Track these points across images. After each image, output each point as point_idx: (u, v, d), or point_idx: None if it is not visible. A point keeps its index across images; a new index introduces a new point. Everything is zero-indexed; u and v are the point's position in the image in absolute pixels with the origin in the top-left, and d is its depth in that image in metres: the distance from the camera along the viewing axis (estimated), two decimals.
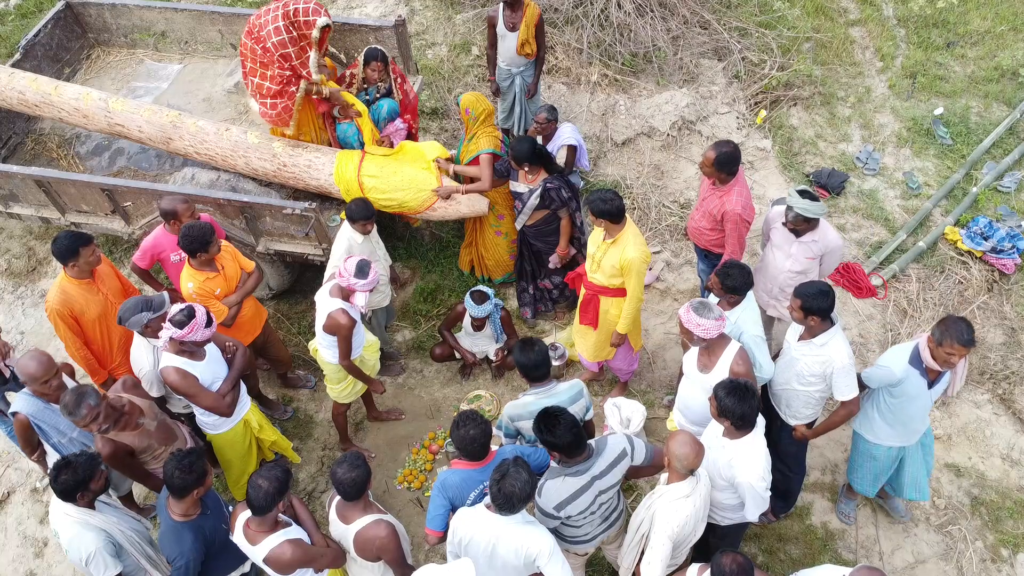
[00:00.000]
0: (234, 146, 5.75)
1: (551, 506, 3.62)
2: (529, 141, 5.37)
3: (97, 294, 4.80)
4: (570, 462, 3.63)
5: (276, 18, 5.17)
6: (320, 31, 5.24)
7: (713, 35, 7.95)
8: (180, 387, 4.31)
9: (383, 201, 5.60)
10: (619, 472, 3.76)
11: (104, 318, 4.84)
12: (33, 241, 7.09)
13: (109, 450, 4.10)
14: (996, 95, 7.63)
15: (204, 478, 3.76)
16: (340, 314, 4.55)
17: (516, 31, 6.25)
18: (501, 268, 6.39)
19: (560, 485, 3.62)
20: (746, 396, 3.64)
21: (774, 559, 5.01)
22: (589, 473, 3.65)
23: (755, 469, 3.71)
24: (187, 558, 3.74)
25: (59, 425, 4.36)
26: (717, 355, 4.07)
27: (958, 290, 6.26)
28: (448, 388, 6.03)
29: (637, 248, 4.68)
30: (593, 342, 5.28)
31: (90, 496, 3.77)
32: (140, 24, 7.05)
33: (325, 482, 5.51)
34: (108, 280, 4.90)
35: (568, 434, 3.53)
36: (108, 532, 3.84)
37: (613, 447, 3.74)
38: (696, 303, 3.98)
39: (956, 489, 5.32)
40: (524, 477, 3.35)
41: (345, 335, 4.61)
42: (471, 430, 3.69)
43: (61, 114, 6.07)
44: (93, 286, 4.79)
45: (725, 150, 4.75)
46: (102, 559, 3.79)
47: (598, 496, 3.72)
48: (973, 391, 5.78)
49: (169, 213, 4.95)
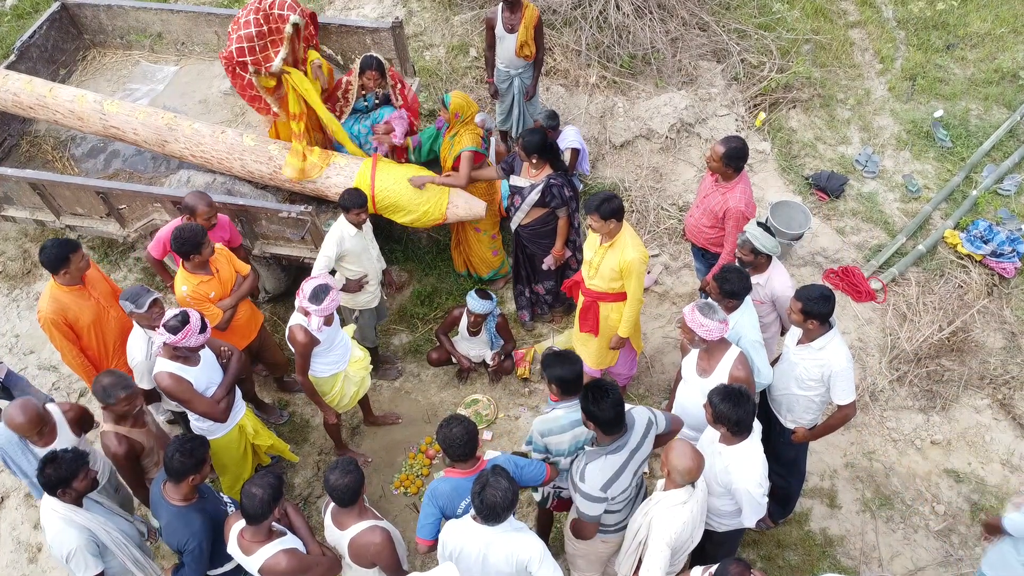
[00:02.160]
0: (230, 149, 5.72)
1: (597, 487, 3.61)
2: (540, 132, 5.32)
3: (89, 299, 4.77)
4: (607, 440, 3.65)
5: (252, 11, 5.18)
6: (293, 27, 5.19)
7: (712, 37, 7.92)
8: (174, 392, 4.29)
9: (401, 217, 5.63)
10: (650, 443, 3.80)
11: (98, 323, 4.81)
12: (28, 243, 7.06)
13: (125, 448, 4.12)
14: (996, 97, 7.60)
15: (203, 465, 3.78)
16: (297, 329, 4.54)
17: (515, 33, 6.22)
18: (486, 265, 6.37)
19: (603, 464, 3.63)
20: (741, 401, 3.61)
21: (772, 565, 4.98)
22: (627, 448, 3.67)
23: (752, 475, 3.69)
24: (199, 539, 3.76)
25: (24, 467, 4.31)
26: (717, 359, 4.04)
27: (958, 294, 6.23)
28: (445, 392, 5.99)
29: (636, 249, 4.65)
30: (595, 349, 5.24)
31: (73, 494, 3.76)
32: (136, 25, 7.01)
33: (321, 487, 5.47)
34: (98, 284, 4.87)
35: (612, 409, 3.55)
36: (92, 531, 3.82)
37: (640, 418, 3.78)
38: (701, 303, 3.96)
39: (956, 495, 5.29)
40: (504, 485, 3.32)
41: (300, 351, 4.61)
42: (454, 428, 3.65)
43: (56, 116, 6.04)
44: (84, 291, 4.76)
45: (734, 144, 4.74)
46: (83, 557, 3.79)
47: (636, 471, 3.75)
48: (973, 396, 5.76)
49: (188, 208, 4.93)
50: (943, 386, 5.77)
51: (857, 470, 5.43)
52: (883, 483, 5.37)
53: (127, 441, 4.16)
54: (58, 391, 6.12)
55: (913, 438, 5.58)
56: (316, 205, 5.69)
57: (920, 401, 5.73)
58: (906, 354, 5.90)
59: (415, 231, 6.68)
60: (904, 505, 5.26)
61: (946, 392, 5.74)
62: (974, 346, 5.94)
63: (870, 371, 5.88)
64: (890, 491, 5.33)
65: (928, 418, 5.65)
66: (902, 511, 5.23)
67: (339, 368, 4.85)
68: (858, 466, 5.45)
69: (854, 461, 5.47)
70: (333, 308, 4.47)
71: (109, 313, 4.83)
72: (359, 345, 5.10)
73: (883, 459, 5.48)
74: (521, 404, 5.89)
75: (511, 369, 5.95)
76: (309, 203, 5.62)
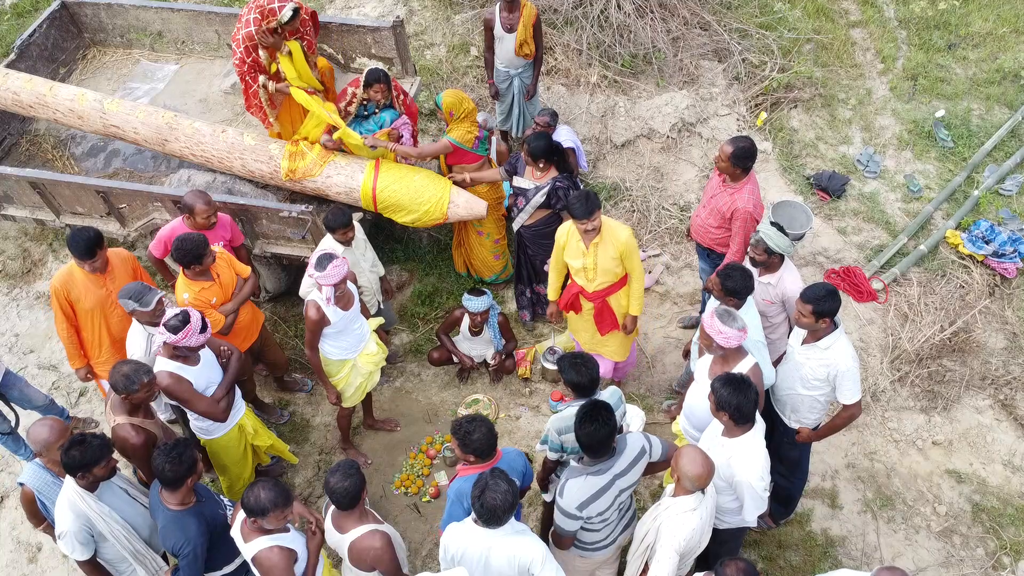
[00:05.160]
0: (230, 148, 5.71)
1: (573, 506, 3.60)
2: (546, 137, 5.32)
3: (102, 288, 4.82)
4: (594, 461, 3.62)
5: (252, 9, 5.17)
6: (292, 11, 5.17)
7: (713, 36, 7.90)
8: (174, 392, 4.28)
9: (402, 216, 5.61)
10: (639, 470, 3.76)
11: (101, 311, 4.86)
12: (28, 243, 7.04)
13: (143, 438, 4.14)
14: (998, 97, 7.59)
15: (195, 466, 3.78)
16: (310, 304, 4.62)
17: (514, 32, 6.20)
18: (488, 268, 6.36)
19: (582, 484, 3.60)
20: (742, 388, 3.61)
21: (774, 566, 4.98)
22: (611, 472, 3.64)
23: (754, 468, 3.69)
24: (194, 544, 3.76)
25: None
26: (731, 366, 4.01)
27: (959, 294, 6.22)
28: (446, 392, 5.98)
29: (623, 228, 4.77)
30: (617, 343, 5.29)
31: (91, 478, 3.78)
32: (136, 24, 6.99)
33: (321, 487, 5.47)
34: (120, 278, 4.87)
35: (598, 436, 3.52)
36: (89, 519, 3.84)
37: (633, 445, 3.74)
38: (721, 310, 3.95)
39: (957, 496, 5.28)
40: (503, 487, 3.31)
41: (309, 327, 4.68)
42: (477, 430, 3.65)
43: (56, 115, 6.02)
44: (100, 280, 4.82)
45: (743, 144, 4.72)
46: (72, 541, 3.84)
47: (618, 496, 3.71)
48: (974, 396, 5.75)
49: (187, 207, 4.93)
50: (944, 386, 5.76)
51: (858, 470, 5.42)
52: (884, 483, 5.36)
53: (143, 432, 4.16)
54: (58, 391, 6.11)
55: (914, 438, 5.57)
56: (317, 204, 5.67)
57: (921, 401, 5.72)
58: (907, 354, 5.89)
59: (415, 231, 6.66)
60: (905, 505, 5.25)
61: (947, 392, 5.73)
62: (975, 346, 5.93)
63: (871, 371, 5.87)
64: (891, 491, 5.32)
65: (929, 418, 5.64)
66: (903, 511, 5.22)
67: (349, 355, 4.85)
68: (859, 466, 5.44)
69: (855, 461, 5.47)
70: (338, 276, 4.42)
71: (118, 309, 4.83)
72: (378, 341, 5.08)
73: (884, 459, 5.47)
74: (522, 404, 5.88)
75: (512, 369, 5.94)
76: (310, 202, 5.61)
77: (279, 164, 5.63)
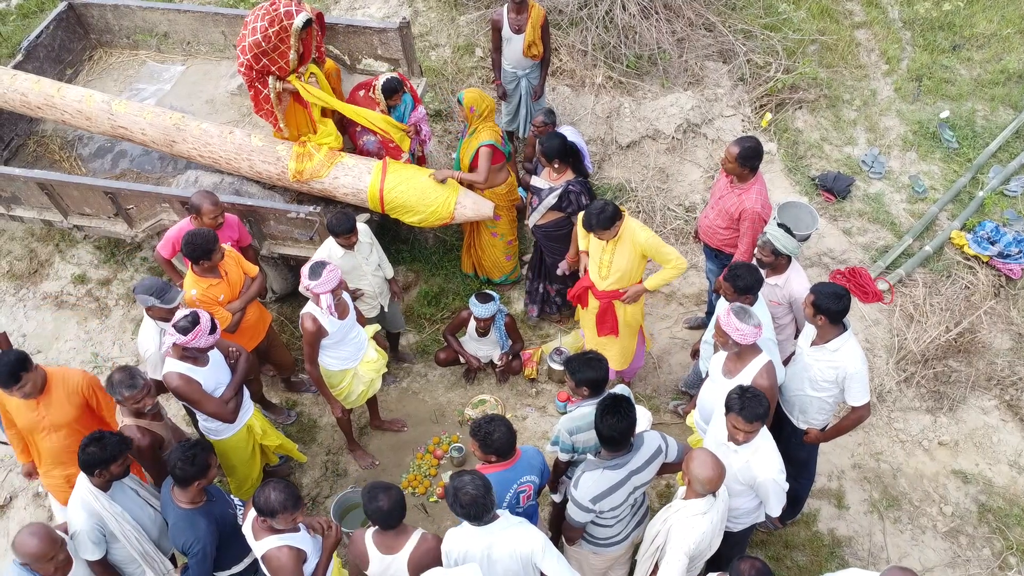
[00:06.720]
0: (238, 149, 5.72)
1: (587, 498, 3.62)
2: (559, 137, 5.34)
3: (33, 412, 4.28)
4: (610, 455, 3.64)
5: (261, 16, 5.14)
6: (304, 23, 5.14)
7: (718, 37, 7.91)
8: (183, 393, 4.30)
9: (409, 217, 5.63)
10: (654, 469, 3.78)
11: (31, 436, 4.37)
12: (35, 243, 7.06)
13: (149, 440, 4.15)
14: (1002, 98, 7.60)
15: (207, 471, 3.79)
16: (306, 317, 4.59)
17: (522, 33, 6.22)
18: (498, 269, 6.37)
19: (598, 477, 3.62)
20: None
21: (780, 566, 4.99)
22: (627, 467, 3.66)
23: (773, 464, 3.74)
24: (204, 542, 3.78)
25: None
26: (745, 363, 4.04)
27: (964, 295, 6.23)
28: (452, 392, 6.00)
29: (643, 228, 4.76)
30: (618, 350, 5.26)
31: (107, 476, 3.80)
32: (143, 25, 7.00)
33: (329, 487, 5.48)
34: (58, 407, 4.30)
35: (619, 429, 3.53)
36: (102, 519, 3.86)
37: (650, 443, 3.76)
38: (737, 307, 3.97)
39: (963, 496, 5.30)
40: (468, 479, 3.31)
41: (307, 340, 4.64)
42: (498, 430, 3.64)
43: (64, 116, 6.04)
44: (32, 404, 4.27)
45: (748, 144, 4.74)
46: (84, 540, 3.85)
47: (632, 492, 3.73)
48: (980, 397, 5.76)
49: (194, 207, 4.94)
50: (950, 387, 5.77)
51: (865, 471, 5.44)
52: (891, 484, 5.37)
53: (149, 433, 4.18)
54: None
55: (920, 439, 5.58)
56: (324, 205, 5.69)
57: (927, 402, 5.73)
58: (913, 355, 5.90)
59: (422, 231, 6.68)
60: (912, 506, 5.27)
61: (953, 393, 5.75)
62: (981, 347, 5.94)
63: (877, 372, 5.88)
64: (898, 492, 5.33)
65: (935, 419, 5.65)
66: (910, 512, 5.24)
67: (349, 365, 4.86)
68: (866, 467, 5.46)
69: (862, 462, 5.48)
70: (333, 282, 4.42)
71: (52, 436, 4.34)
72: (377, 347, 5.10)
73: (891, 460, 5.49)
74: (528, 405, 5.89)
75: (519, 369, 5.96)
76: (317, 203, 5.62)
77: (286, 165, 5.64)
